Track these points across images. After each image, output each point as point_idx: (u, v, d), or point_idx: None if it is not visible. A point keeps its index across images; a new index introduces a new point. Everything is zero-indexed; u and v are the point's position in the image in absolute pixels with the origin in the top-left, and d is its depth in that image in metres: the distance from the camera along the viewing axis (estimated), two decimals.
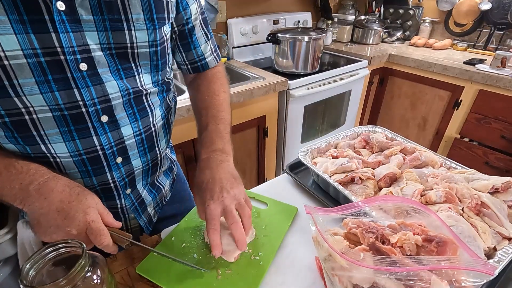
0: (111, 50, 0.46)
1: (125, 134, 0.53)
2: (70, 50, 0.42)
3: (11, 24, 0.37)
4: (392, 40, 2.31)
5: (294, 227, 0.62)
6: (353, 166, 0.67)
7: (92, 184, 0.54)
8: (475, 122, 1.76)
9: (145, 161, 0.60)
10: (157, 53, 0.52)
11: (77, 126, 0.47)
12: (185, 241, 0.57)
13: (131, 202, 0.62)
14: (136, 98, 0.52)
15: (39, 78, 0.41)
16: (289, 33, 1.59)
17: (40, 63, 0.41)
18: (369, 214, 0.50)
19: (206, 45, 0.66)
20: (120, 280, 0.52)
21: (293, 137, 1.73)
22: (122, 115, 0.51)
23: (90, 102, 0.46)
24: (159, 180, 0.70)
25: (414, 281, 0.37)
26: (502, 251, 0.48)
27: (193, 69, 0.68)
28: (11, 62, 0.39)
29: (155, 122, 0.58)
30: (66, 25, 0.41)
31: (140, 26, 0.47)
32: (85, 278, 0.37)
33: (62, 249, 0.39)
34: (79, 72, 0.44)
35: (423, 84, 1.94)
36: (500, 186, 0.56)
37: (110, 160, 0.53)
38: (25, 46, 0.39)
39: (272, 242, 0.56)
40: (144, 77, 0.52)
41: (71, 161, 0.50)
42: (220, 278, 0.50)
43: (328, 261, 0.44)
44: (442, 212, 0.54)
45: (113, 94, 0.48)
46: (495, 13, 1.92)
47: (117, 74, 0.48)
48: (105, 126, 0.50)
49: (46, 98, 0.43)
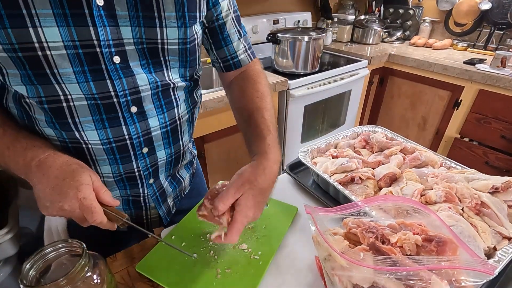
0: (142, 44, 0.48)
1: (152, 125, 0.55)
2: (105, 43, 0.44)
3: (55, 17, 0.40)
4: (392, 40, 2.31)
5: (294, 227, 0.62)
6: (353, 166, 0.67)
7: (119, 171, 0.57)
8: (475, 122, 1.76)
9: (168, 153, 0.62)
10: (186, 50, 0.54)
11: (109, 115, 0.50)
12: (185, 240, 0.57)
13: (152, 191, 0.65)
14: (164, 91, 0.55)
15: (76, 68, 0.44)
16: (289, 33, 1.59)
17: (78, 55, 0.43)
18: (369, 214, 0.50)
19: (239, 42, 0.65)
20: (120, 280, 0.52)
21: (293, 137, 1.73)
22: (150, 107, 0.54)
23: (122, 93, 0.49)
24: (180, 173, 0.72)
25: (414, 280, 0.37)
26: (502, 251, 0.48)
27: (225, 67, 0.67)
28: (53, 52, 0.42)
29: (180, 115, 0.60)
30: (104, 20, 0.43)
31: (171, 24, 0.49)
32: (85, 278, 0.37)
33: (62, 249, 0.39)
34: (112, 64, 0.46)
35: (423, 84, 1.94)
36: (500, 186, 0.56)
37: (137, 149, 0.56)
38: (65, 38, 0.41)
39: (272, 242, 0.57)
40: (172, 71, 0.55)
41: (101, 148, 0.53)
42: (219, 277, 0.50)
43: (328, 261, 0.44)
44: (442, 212, 0.54)
45: (142, 86, 0.51)
46: (495, 13, 1.92)
47: (147, 68, 0.51)
48: (134, 116, 0.52)
49: (82, 88, 0.46)
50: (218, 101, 1.29)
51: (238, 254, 0.55)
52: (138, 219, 0.67)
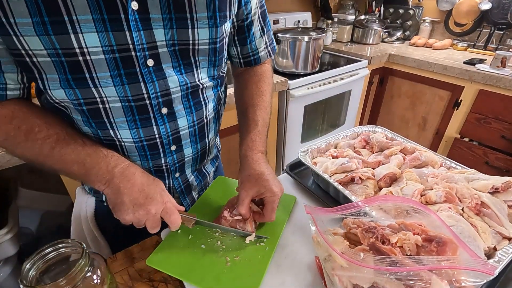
0: (174, 46, 0.49)
1: (180, 125, 0.58)
2: (140, 47, 0.46)
3: (94, 23, 0.41)
4: (392, 40, 2.31)
5: (294, 227, 0.62)
6: (353, 166, 0.67)
7: (148, 166, 0.60)
8: (475, 122, 1.76)
9: (195, 150, 0.65)
10: (216, 50, 0.55)
11: (141, 116, 0.52)
12: (191, 233, 0.59)
13: (178, 184, 0.68)
14: (193, 93, 0.57)
15: (113, 72, 0.46)
16: (289, 33, 1.59)
17: (115, 59, 0.45)
18: (369, 214, 0.50)
19: (261, 39, 0.67)
20: (120, 280, 0.52)
21: (293, 137, 1.73)
22: (180, 108, 0.56)
23: (154, 95, 0.51)
24: (206, 167, 0.75)
25: (414, 281, 0.37)
26: (502, 251, 0.48)
27: (245, 63, 0.69)
28: (92, 57, 0.43)
29: (207, 114, 0.63)
30: (138, 24, 0.44)
31: (203, 24, 0.50)
32: (85, 278, 0.37)
33: (62, 249, 0.39)
34: (146, 67, 0.48)
35: (423, 84, 1.94)
36: (500, 186, 0.56)
37: (166, 147, 0.59)
38: (104, 43, 0.43)
39: (275, 228, 0.59)
40: (201, 72, 0.56)
41: (133, 146, 0.56)
42: (229, 265, 0.52)
43: (328, 261, 0.44)
44: (442, 212, 0.54)
45: (173, 88, 0.53)
46: (495, 13, 1.92)
47: (178, 70, 0.52)
48: (164, 117, 0.55)
49: (118, 90, 0.48)
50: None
51: (244, 242, 0.56)
52: None
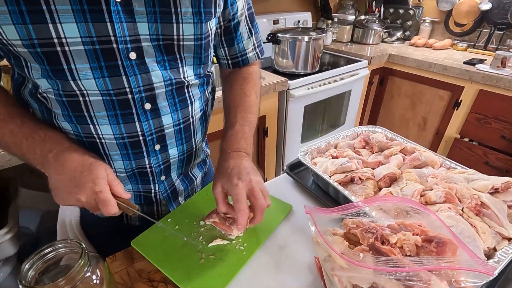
0: (159, 41, 0.49)
1: (165, 123, 0.56)
2: (122, 39, 0.45)
3: (73, 13, 0.41)
4: (392, 40, 2.31)
5: (294, 227, 0.62)
6: (353, 166, 0.67)
7: (131, 167, 0.58)
8: (475, 122, 1.76)
9: (181, 151, 0.63)
10: (201, 47, 0.54)
11: (123, 111, 0.51)
12: (179, 224, 0.61)
13: (164, 189, 0.66)
14: (178, 89, 0.55)
15: (93, 64, 0.45)
16: (289, 33, 1.59)
17: (95, 50, 0.44)
18: (368, 214, 0.50)
19: (249, 40, 0.67)
20: (119, 280, 0.52)
21: (293, 137, 1.73)
22: (164, 104, 0.54)
23: (136, 89, 0.50)
24: (192, 171, 0.73)
25: (414, 281, 0.37)
26: (502, 252, 0.48)
27: (233, 64, 0.69)
28: (71, 48, 0.42)
29: (194, 113, 0.61)
30: (121, 16, 0.44)
31: (188, 20, 0.49)
32: (85, 278, 0.37)
33: (61, 249, 0.39)
34: (128, 60, 0.47)
35: (423, 84, 1.94)
36: (500, 186, 0.56)
37: (149, 146, 0.57)
38: (83, 33, 0.42)
39: (259, 236, 0.58)
40: (187, 69, 0.55)
41: (114, 143, 0.54)
42: (202, 262, 0.53)
43: (327, 261, 0.44)
44: (442, 212, 0.54)
45: (157, 83, 0.51)
46: (495, 13, 1.92)
47: (162, 65, 0.51)
48: (147, 113, 0.53)
49: (98, 83, 0.47)
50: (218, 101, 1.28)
51: (223, 242, 0.57)
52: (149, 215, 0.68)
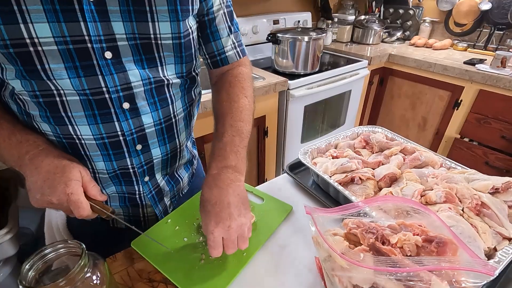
0: (135, 40, 0.48)
1: (145, 122, 0.55)
2: (96, 38, 0.44)
3: (45, 13, 0.40)
4: (392, 40, 2.30)
5: (294, 227, 0.62)
6: (353, 166, 0.67)
7: (113, 168, 0.57)
8: (475, 122, 1.76)
9: (164, 151, 0.62)
10: (181, 45, 0.53)
11: (101, 111, 0.50)
12: (179, 224, 0.61)
13: (148, 189, 0.64)
14: (158, 88, 0.54)
15: (68, 64, 0.44)
16: (289, 33, 1.59)
17: (69, 50, 0.43)
18: (369, 215, 0.50)
19: (228, 38, 0.63)
20: (119, 280, 0.52)
21: (293, 137, 1.73)
22: (143, 104, 0.54)
23: (113, 89, 0.49)
24: (178, 172, 0.72)
25: (414, 281, 0.37)
26: (502, 252, 0.48)
27: (212, 63, 0.66)
28: (44, 48, 0.42)
29: (176, 113, 0.60)
30: (95, 15, 0.43)
31: (164, 18, 0.49)
32: (85, 278, 0.37)
33: (61, 249, 0.39)
34: (104, 59, 0.46)
35: (423, 84, 1.94)
36: (500, 186, 0.56)
37: (130, 146, 0.56)
38: (56, 33, 0.42)
39: (259, 237, 0.58)
40: (167, 68, 0.54)
41: (94, 144, 0.53)
42: (202, 263, 0.53)
43: (328, 261, 0.44)
44: (442, 213, 0.54)
45: (135, 82, 0.51)
46: (495, 13, 1.92)
47: (140, 64, 0.51)
48: (126, 113, 0.52)
49: (73, 83, 0.46)
50: None
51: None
52: (135, 217, 0.68)
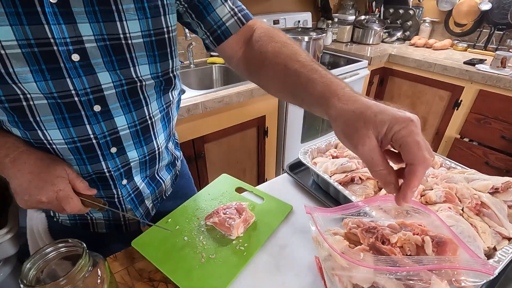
0: (104, 41, 0.46)
1: (118, 125, 0.54)
2: (62, 41, 0.43)
3: (7, 16, 0.39)
4: (392, 40, 2.31)
5: (294, 227, 0.62)
6: (353, 166, 0.67)
7: (88, 172, 0.56)
8: (475, 122, 1.76)
9: (141, 153, 0.60)
10: (152, 43, 0.51)
11: (71, 114, 0.49)
12: (179, 224, 0.61)
13: (127, 192, 0.63)
14: (130, 90, 0.52)
15: (33, 67, 0.43)
16: (289, 33, 1.59)
17: (34, 53, 0.42)
18: (369, 214, 0.50)
19: (223, 7, 0.56)
20: (120, 280, 0.52)
21: (293, 137, 1.73)
22: (115, 106, 0.52)
23: (82, 91, 0.47)
24: (160, 174, 0.70)
25: (414, 281, 0.37)
26: (502, 251, 0.48)
27: (215, 39, 0.58)
28: (7, 51, 0.41)
29: (151, 114, 0.58)
30: (58, 17, 0.42)
31: (131, 16, 0.47)
32: (85, 277, 0.37)
33: (62, 248, 0.39)
34: (71, 62, 0.45)
35: (423, 84, 1.94)
36: (500, 186, 0.56)
37: (104, 149, 0.54)
38: (19, 36, 0.40)
39: (260, 237, 0.58)
40: (140, 68, 0.52)
41: (66, 148, 0.51)
42: (203, 262, 0.52)
43: (328, 261, 0.44)
44: (442, 212, 0.54)
45: (105, 84, 0.49)
46: (495, 13, 1.92)
47: (111, 65, 0.49)
48: (98, 115, 0.51)
49: (40, 86, 0.44)
50: (218, 101, 1.29)
51: (225, 243, 0.56)
52: (115, 221, 0.67)
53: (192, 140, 1.32)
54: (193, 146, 1.34)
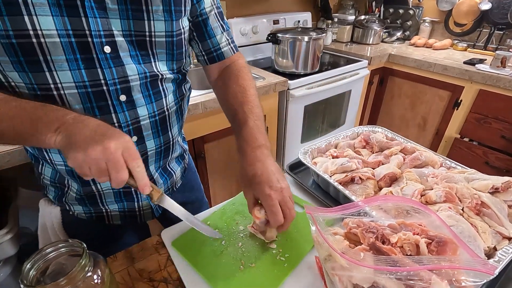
0: (131, 37, 0.51)
1: (140, 114, 0.57)
2: (96, 33, 0.47)
3: (50, 7, 0.42)
4: (392, 40, 2.31)
5: None
6: (353, 166, 0.67)
7: None
8: (475, 122, 1.76)
9: (158, 143, 0.64)
10: (173, 43, 0.57)
11: (99, 103, 0.52)
12: (218, 227, 0.60)
13: None
14: (152, 82, 0.57)
15: (69, 56, 0.46)
16: (289, 33, 1.59)
17: (70, 43, 0.45)
18: (369, 214, 0.50)
19: (222, 35, 0.68)
20: (120, 280, 0.52)
21: (293, 137, 1.73)
22: (139, 96, 0.56)
23: (111, 81, 0.51)
24: (171, 166, 0.73)
25: (414, 280, 0.37)
26: (502, 251, 0.48)
27: (209, 59, 0.70)
28: (47, 40, 0.44)
29: (168, 106, 0.62)
30: (95, 11, 0.46)
31: (159, 17, 0.52)
32: (85, 278, 0.37)
33: (62, 249, 0.39)
34: (103, 53, 0.49)
35: (423, 84, 1.94)
36: (500, 186, 0.56)
37: None
38: (59, 27, 0.44)
39: (301, 247, 0.56)
40: (160, 64, 0.57)
41: None
42: (242, 269, 0.51)
43: (328, 261, 0.44)
44: (442, 212, 0.54)
45: (131, 76, 0.53)
46: (495, 13, 1.92)
47: (136, 59, 0.53)
48: (123, 105, 0.54)
49: (74, 75, 0.48)
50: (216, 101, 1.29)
51: (265, 251, 0.55)
52: (130, 212, 0.68)
53: (192, 140, 1.32)
54: (193, 146, 1.34)
